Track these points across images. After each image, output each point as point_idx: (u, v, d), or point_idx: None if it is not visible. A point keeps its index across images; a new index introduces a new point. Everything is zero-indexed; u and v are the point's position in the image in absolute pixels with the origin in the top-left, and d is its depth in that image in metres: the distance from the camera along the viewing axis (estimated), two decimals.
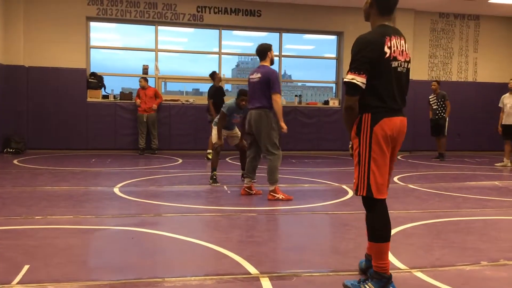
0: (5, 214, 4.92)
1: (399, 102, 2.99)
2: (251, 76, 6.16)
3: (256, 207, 5.68)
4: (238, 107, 6.91)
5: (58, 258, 3.57)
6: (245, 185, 6.35)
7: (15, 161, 9.42)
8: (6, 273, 3.18)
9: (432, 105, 11.34)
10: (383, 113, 2.92)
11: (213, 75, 10.76)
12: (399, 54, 2.95)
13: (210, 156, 7.94)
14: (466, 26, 13.73)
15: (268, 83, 5.97)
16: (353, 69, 2.90)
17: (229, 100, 7.13)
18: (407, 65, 3.03)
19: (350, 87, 2.91)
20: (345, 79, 2.94)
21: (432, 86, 11.29)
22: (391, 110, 2.94)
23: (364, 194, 2.96)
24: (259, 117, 5.98)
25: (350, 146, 3.15)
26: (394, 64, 2.93)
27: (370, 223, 3.01)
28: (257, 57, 6.27)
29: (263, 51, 6.16)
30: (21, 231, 4.33)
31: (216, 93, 10.52)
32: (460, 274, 3.43)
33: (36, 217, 4.84)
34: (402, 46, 2.98)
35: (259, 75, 6.05)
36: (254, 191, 6.34)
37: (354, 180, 3.03)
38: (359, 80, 2.87)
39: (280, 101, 6.01)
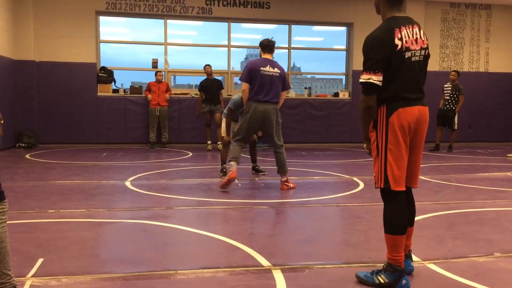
0: (18, 208, 4.96)
1: (415, 92, 2.95)
2: (265, 69, 6.11)
3: (267, 199, 5.69)
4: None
5: (71, 251, 3.61)
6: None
7: (27, 156, 9.50)
8: (21, 266, 3.21)
9: (445, 95, 11.18)
10: (398, 104, 2.89)
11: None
12: (412, 43, 2.91)
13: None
14: (478, 16, 13.55)
15: (284, 80, 6.24)
16: (367, 68, 2.88)
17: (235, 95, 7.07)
18: (424, 52, 2.99)
19: (367, 87, 2.89)
20: (361, 80, 2.91)
21: (451, 76, 11.06)
22: (407, 100, 2.91)
23: (382, 186, 2.95)
24: (276, 111, 6.15)
25: (365, 146, 3.13)
26: (407, 54, 2.90)
27: (387, 216, 2.98)
28: (261, 49, 6.24)
29: (273, 46, 6.26)
30: (34, 224, 4.37)
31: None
32: (473, 265, 3.42)
33: (49, 211, 4.89)
34: (416, 34, 2.94)
35: (277, 70, 6.14)
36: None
37: (374, 174, 3.03)
38: (376, 79, 2.86)
39: None
